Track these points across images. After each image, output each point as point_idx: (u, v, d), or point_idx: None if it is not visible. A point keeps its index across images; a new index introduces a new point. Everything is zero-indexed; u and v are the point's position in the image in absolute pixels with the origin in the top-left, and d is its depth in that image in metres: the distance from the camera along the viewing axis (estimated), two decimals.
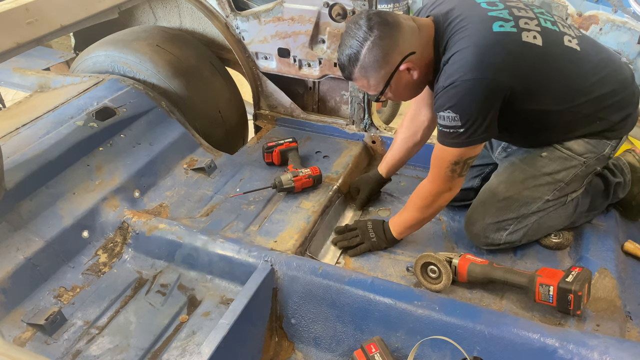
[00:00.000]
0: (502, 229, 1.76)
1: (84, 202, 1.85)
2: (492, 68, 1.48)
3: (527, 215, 1.75)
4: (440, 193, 1.68)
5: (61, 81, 2.35)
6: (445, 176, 1.64)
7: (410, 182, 2.24)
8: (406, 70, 1.58)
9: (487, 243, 1.79)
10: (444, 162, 1.61)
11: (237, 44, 2.45)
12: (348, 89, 2.37)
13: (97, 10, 1.69)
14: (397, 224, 1.83)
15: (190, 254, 1.76)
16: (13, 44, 1.44)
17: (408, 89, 1.66)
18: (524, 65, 1.53)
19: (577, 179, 1.73)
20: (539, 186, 1.73)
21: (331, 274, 1.58)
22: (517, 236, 1.78)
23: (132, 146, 2.08)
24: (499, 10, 1.57)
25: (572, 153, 1.69)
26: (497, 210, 1.76)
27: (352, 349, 1.53)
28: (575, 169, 1.70)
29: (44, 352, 1.49)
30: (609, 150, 1.71)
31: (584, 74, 1.61)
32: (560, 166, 1.70)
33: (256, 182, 2.12)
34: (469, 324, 1.42)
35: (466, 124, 1.51)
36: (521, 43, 1.52)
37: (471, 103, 1.50)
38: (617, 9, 1.97)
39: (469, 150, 1.57)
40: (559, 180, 1.71)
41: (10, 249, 1.63)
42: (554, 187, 1.72)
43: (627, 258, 1.79)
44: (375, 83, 1.60)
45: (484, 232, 1.78)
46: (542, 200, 1.73)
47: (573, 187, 1.75)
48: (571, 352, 1.32)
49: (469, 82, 1.48)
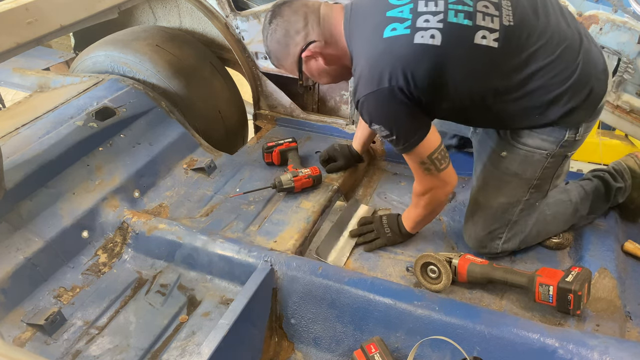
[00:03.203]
0: (496, 237, 1.75)
1: (84, 202, 1.85)
2: (384, 77, 1.44)
3: (514, 220, 1.72)
4: (431, 190, 1.67)
5: (61, 81, 2.35)
6: (424, 176, 1.63)
7: (410, 182, 2.22)
8: (311, 58, 1.60)
9: (486, 252, 1.78)
10: (414, 164, 1.61)
11: (237, 43, 2.45)
12: (348, 89, 2.37)
13: (97, 10, 1.68)
14: (408, 219, 1.84)
15: (190, 254, 1.76)
16: (13, 44, 1.44)
17: (324, 75, 1.67)
18: (418, 66, 1.44)
19: (549, 171, 1.66)
20: (512, 189, 1.69)
21: (331, 274, 1.58)
22: (514, 244, 1.76)
23: (132, 146, 2.08)
24: (401, 7, 1.48)
25: (530, 148, 1.61)
26: (484, 221, 1.74)
27: (351, 349, 1.53)
28: (541, 162, 1.62)
29: (43, 353, 1.49)
30: (571, 134, 1.58)
31: (501, 74, 1.48)
32: (524, 164, 1.64)
33: (256, 182, 2.12)
34: (468, 324, 1.42)
35: (393, 132, 1.51)
36: (412, 45, 1.43)
37: (384, 114, 1.50)
38: (617, 8, 1.97)
39: (420, 150, 1.54)
40: (529, 178, 1.66)
41: (10, 249, 1.63)
42: (527, 186, 1.67)
43: (627, 258, 1.78)
44: (291, 69, 1.67)
45: (481, 242, 1.77)
46: (520, 203, 1.70)
47: (549, 179, 1.69)
48: (571, 352, 1.32)
49: (371, 96, 1.47)
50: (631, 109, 2.02)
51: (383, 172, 2.33)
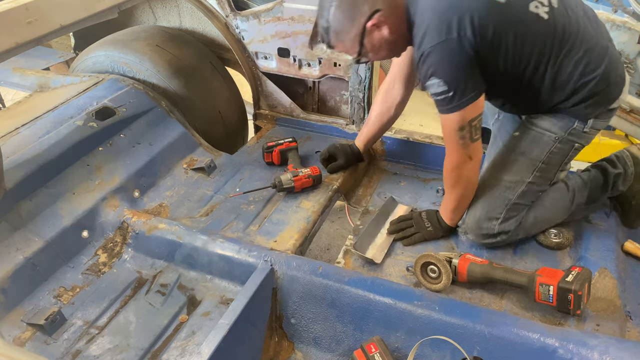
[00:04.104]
0: (494, 218, 1.77)
1: (84, 202, 1.85)
2: (453, 27, 1.50)
3: (513, 201, 1.75)
4: (461, 164, 1.69)
5: (61, 81, 2.35)
6: (457, 145, 1.64)
7: (410, 182, 2.24)
8: (375, 28, 1.59)
9: (483, 234, 1.79)
10: (451, 131, 1.63)
11: (237, 43, 2.45)
12: (348, 89, 2.37)
13: (97, 10, 1.68)
14: (444, 210, 1.86)
15: (190, 253, 1.76)
16: (13, 44, 1.44)
17: (384, 47, 1.67)
18: (485, 21, 1.52)
19: (556, 157, 1.74)
20: (517, 168, 1.75)
21: (331, 274, 1.58)
22: (511, 225, 1.77)
23: (132, 146, 2.08)
24: None
25: (541, 129, 1.72)
26: (485, 200, 1.79)
27: (352, 349, 1.53)
28: (548, 145, 1.72)
29: (43, 352, 1.49)
30: (580, 125, 1.69)
31: (544, 45, 1.59)
32: (532, 144, 1.73)
33: (256, 182, 2.12)
34: (469, 324, 1.42)
35: (452, 86, 1.54)
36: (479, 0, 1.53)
37: (448, 65, 1.54)
38: (617, 8, 1.97)
39: (467, 111, 1.58)
40: (534, 159, 1.73)
41: (10, 248, 1.63)
42: (531, 167, 1.74)
43: (627, 258, 1.79)
44: (350, 45, 1.64)
45: (478, 223, 1.79)
46: (523, 183, 1.75)
47: (555, 166, 1.76)
48: (571, 352, 1.32)
49: (438, 47, 1.52)
50: (631, 109, 2.02)
51: (383, 172, 2.34)
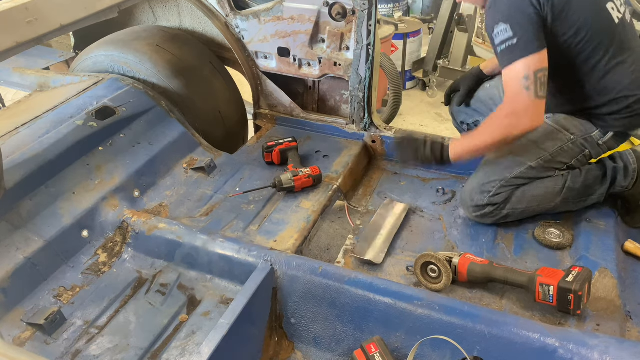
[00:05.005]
0: (486, 191, 1.85)
1: (84, 201, 1.85)
2: None
3: (510, 179, 1.83)
4: (517, 115, 1.63)
5: (61, 80, 2.35)
6: (519, 92, 1.62)
7: (410, 182, 2.24)
8: None
9: (472, 206, 1.88)
10: (515, 81, 1.63)
11: (237, 43, 2.44)
12: (348, 89, 2.37)
13: (97, 10, 1.68)
14: (461, 144, 1.84)
15: (190, 253, 1.76)
16: (13, 43, 1.44)
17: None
18: None
19: (564, 154, 1.81)
20: (524, 152, 1.82)
21: (331, 274, 1.58)
22: (500, 198, 1.84)
23: (132, 146, 2.08)
24: None
25: (559, 127, 1.80)
26: (484, 173, 1.87)
27: (352, 349, 1.53)
28: (561, 142, 1.79)
29: (43, 352, 1.49)
30: (598, 135, 1.78)
31: (604, 41, 1.67)
32: (546, 136, 1.80)
33: (256, 181, 2.12)
34: (469, 324, 1.42)
35: (517, 32, 1.59)
36: None
37: (516, 12, 1.61)
38: None
39: (532, 60, 1.60)
40: (544, 149, 1.80)
41: (9, 248, 1.63)
42: (537, 155, 1.81)
43: (627, 258, 1.79)
44: None
45: (470, 194, 1.88)
46: (525, 166, 1.81)
47: (559, 162, 1.81)
48: (571, 352, 1.31)
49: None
50: None
51: (383, 171, 2.34)
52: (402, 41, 4.23)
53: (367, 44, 2.18)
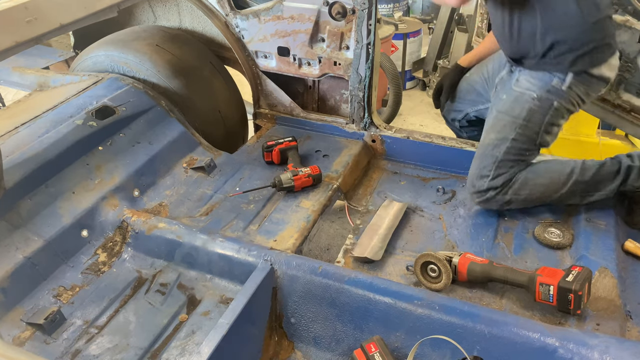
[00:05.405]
0: (485, 176, 1.90)
1: (84, 201, 1.84)
2: None
3: (500, 158, 1.87)
4: None
5: (60, 80, 2.35)
6: None
7: (410, 181, 2.24)
8: None
9: (475, 192, 1.93)
10: None
11: (237, 42, 2.44)
12: (348, 88, 2.37)
13: (97, 9, 1.68)
14: None
15: (190, 253, 1.76)
16: (12, 43, 1.44)
17: None
18: None
19: (535, 115, 1.82)
20: (501, 126, 1.87)
21: (331, 273, 1.58)
22: (499, 181, 1.88)
23: (132, 145, 2.08)
24: None
25: (522, 89, 1.84)
26: (479, 159, 1.93)
27: (351, 349, 1.53)
28: (527, 103, 1.82)
29: (43, 352, 1.49)
30: (558, 82, 1.78)
31: None
32: (514, 103, 1.85)
33: (256, 181, 2.12)
34: (469, 324, 1.42)
35: None
36: None
37: None
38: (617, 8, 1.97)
39: None
40: (516, 117, 1.84)
41: (9, 248, 1.63)
42: (514, 125, 1.84)
43: (628, 257, 1.78)
44: None
45: (472, 182, 1.94)
46: (507, 140, 1.85)
47: (535, 124, 1.83)
48: (571, 352, 1.31)
49: None
50: (631, 108, 2.02)
51: (383, 171, 2.33)
52: (402, 41, 4.24)
53: (367, 44, 2.18)
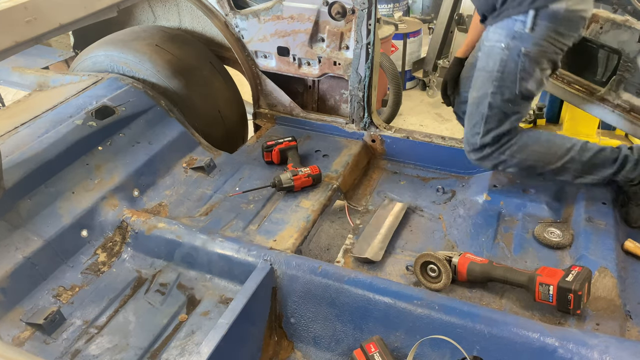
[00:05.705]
0: (476, 133, 1.93)
1: (83, 201, 1.84)
2: None
3: (486, 114, 1.88)
4: None
5: (60, 80, 2.34)
6: None
7: (410, 181, 2.24)
8: None
9: (472, 150, 1.97)
10: None
11: (237, 42, 2.44)
12: (348, 88, 2.37)
13: (96, 9, 1.68)
14: None
15: (190, 253, 1.76)
16: (12, 43, 1.44)
17: None
18: None
19: (508, 65, 1.81)
20: (480, 83, 1.90)
21: (331, 273, 1.58)
22: (489, 138, 1.90)
23: (132, 145, 2.08)
24: None
25: (491, 42, 1.84)
26: (468, 119, 1.96)
27: (351, 348, 1.53)
28: (498, 55, 1.82)
29: (43, 352, 1.49)
30: (520, 25, 1.74)
31: None
32: (487, 58, 1.86)
33: (255, 181, 2.12)
34: (468, 323, 1.42)
35: None
36: None
37: None
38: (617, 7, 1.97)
39: None
40: (490, 70, 1.85)
41: (9, 248, 1.63)
42: (490, 78, 1.85)
43: (627, 257, 1.78)
44: None
45: (467, 140, 1.96)
46: (488, 96, 1.87)
47: (510, 74, 1.81)
48: (571, 352, 1.31)
49: None
50: (631, 108, 2.02)
51: (383, 171, 2.33)
52: (402, 41, 4.23)
53: (367, 43, 2.18)
